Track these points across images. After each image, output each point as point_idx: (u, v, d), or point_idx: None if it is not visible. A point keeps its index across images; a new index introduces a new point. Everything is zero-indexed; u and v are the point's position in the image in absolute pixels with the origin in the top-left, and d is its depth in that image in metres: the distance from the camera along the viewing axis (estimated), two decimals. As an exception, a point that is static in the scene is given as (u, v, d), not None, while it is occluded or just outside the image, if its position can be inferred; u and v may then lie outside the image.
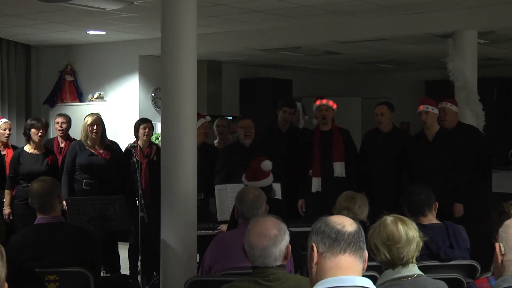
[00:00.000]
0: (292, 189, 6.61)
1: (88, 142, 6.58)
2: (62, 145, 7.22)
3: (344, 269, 2.15)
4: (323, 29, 8.14)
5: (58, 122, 7.26)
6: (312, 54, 9.77)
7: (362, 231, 2.24)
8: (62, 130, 7.23)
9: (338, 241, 2.17)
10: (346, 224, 2.21)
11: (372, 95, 11.45)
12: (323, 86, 12.53)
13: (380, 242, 2.97)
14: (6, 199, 6.52)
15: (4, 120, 7.44)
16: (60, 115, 7.46)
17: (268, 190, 4.92)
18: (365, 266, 2.23)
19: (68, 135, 7.37)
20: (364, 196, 4.53)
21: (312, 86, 12.56)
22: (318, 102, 6.61)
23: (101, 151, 6.61)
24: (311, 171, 6.53)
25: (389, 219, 3.04)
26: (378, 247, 2.97)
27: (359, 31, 8.00)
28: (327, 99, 6.60)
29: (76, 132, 7.17)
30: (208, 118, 6.84)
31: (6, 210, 6.46)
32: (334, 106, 6.62)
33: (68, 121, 7.33)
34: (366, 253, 2.23)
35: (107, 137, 6.83)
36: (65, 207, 5.50)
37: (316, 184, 6.46)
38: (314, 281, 2.17)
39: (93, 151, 6.59)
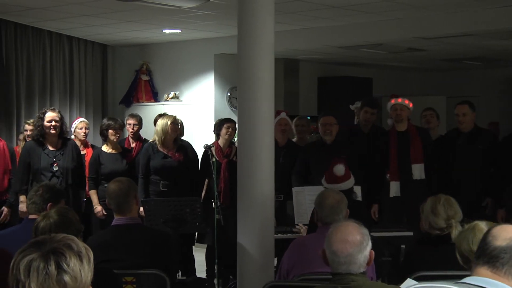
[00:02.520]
0: (373, 192, 6.53)
1: (164, 144, 6.67)
2: (133, 145, 7.37)
3: None
4: (405, 24, 8.02)
5: (130, 124, 7.42)
6: (393, 51, 9.64)
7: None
8: (134, 131, 7.41)
9: None
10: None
11: (458, 94, 11.17)
12: (405, 85, 12.35)
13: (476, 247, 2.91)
14: (94, 198, 6.73)
15: (81, 119, 7.70)
16: (132, 116, 7.62)
17: (349, 193, 4.88)
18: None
19: (139, 135, 7.53)
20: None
21: (394, 84, 12.39)
22: (392, 101, 6.51)
23: (174, 152, 6.71)
24: (388, 174, 6.43)
25: (481, 223, 2.98)
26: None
27: (443, 26, 7.83)
28: (402, 97, 6.49)
29: (150, 133, 7.30)
30: (283, 114, 6.85)
31: (98, 208, 6.67)
32: (410, 105, 6.50)
33: (139, 122, 7.50)
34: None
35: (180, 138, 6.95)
36: (142, 212, 5.62)
37: (394, 189, 6.34)
38: None
39: (166, 152, 6.69)
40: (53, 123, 6.32)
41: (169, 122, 6.67)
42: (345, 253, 2.76)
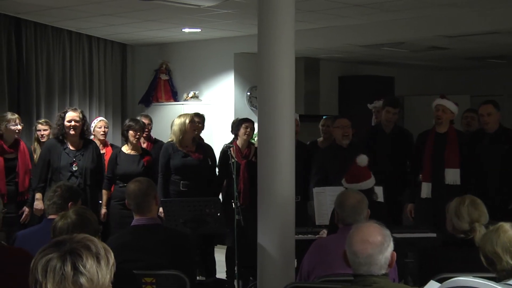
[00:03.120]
0: (395, 193, 6.50)
1: (183, 143, 6.69)
2: (144, 145, 7.40)
3: None
4: (428, 22, 7.97)
5: (145, 123, 7.44)
6: (416, 49, 9.58)
7: None
8: (148, 131, 7.44)
9: None
10: None
11: (482, 93, 11.09)
12: (428, 84, 12.27)
13: (501, 249, 2.89)
14: (103, 199, 6.72)
15: (100, 118, 7.75)
16: (145, 116, 7.67)
17: (369, 193, 4.87)
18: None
19: (150, 136, 7.57)
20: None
21: (416, 83, 12.33)
22: (437, 101, 6.45)
23: (193, 151, 6.72)
24: (421, 175, 6.40)
25: (506, 224, 2.96)
26: (499, 255, 2.90)
27: (467, 24, 7.77)
28: (448, 99, 6.41)
29: (167, 132, 7.32)
30: (296, 115, 6.84)
31: (103, 210, 6.66)
32: (455, 107, 6.42)
33: (151, 122, 7.55)
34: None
35: (199, 137, 6.97)
36: (161, 213, 5.63)
37: (425, 190, 6.30)
38: None
39: (185, 151, 6.71)
40: (73, 123, 6.36)
41: (187, 121, 6.69)
42: (365, 254, 2.76)
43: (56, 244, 1.80)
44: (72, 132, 6.36)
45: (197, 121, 7.17)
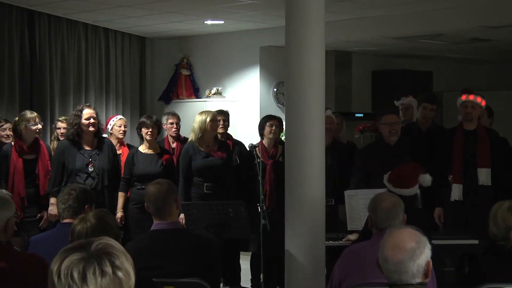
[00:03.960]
0: (430, 197, 6.46)
1: (203, 143, 6.71)
2: (174, 145, 7.42)
3: None
4: (469, 12, 7.91)
5: (172, 123, 7.46)
6: (456, 41, 9.52)
7: None
8: (177, 130, 7.46)
9: None
10: None
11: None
12: (469, 79, 12.17)
13: None
14: (119, 202, 6.74)
15: (119, 116, 7.81)
16: (173, 114, 7.67)
17: (413, 199, 4.86)
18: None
19: (179, 135, 7.58)
20: None
21: (456, 78, 12.23)
22: (463, 97, 6.41)
23: (216, 150, 6.74)
24: (451, 176, 6.35)
25: None
26: None
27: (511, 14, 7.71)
28: (475, 94, 6.38)
29: (188, 130, 7.33)
30: (329, 111, 6.83)
31: (118, 214, 6.68)
32: (483, 103, 6.39)
33: (179, 120, 7.58)
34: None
35: (226, 135, 6.99)
36: (181, 219, 5.65)
37: (456, 192, 6.26)
38: None
39: (207, 151, 6.73)
40: (92, 120, 6.41)
41: (208, 119, 6.70)
42: (395, 260, 2.75)
43: (78, 247, 1.82)
44: (91, 129, 6.41)
45: (221, 119, 7.18)
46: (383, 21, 8.57)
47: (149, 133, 6.81)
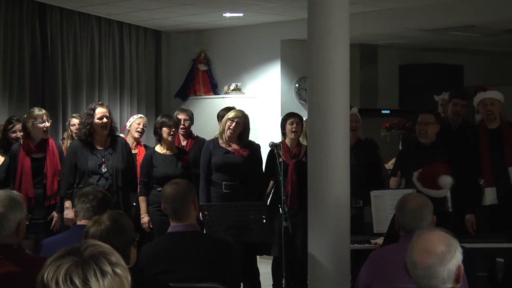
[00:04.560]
0: (463, 199, 6.42)
1: (224, 139, 6.75)
2: (184, 143, 7.43)
3: None
4: (502, 2, 7.86)
5: (180, 119, 7.47)
6: (488, 33, 9.46)
7: None
8: (185, 128, 7.45)
9: None
10: None
11: None
12: (503, 73, 12.09)
13: None
14: (142, 207, 6.76)
15: (139, 115, 7.86)
16: (182, 110, 7.66)
17: (443, 201, 4.84)
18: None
19: (191, 132, 7.59)
20: None
21: (489, 73, 12.16)
22: (479, 94, 6.37)
23: (238, 148, 6.75)
24: (482, 180, 6.31)
25: None
26: None
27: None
28: (491, 89, 6.34)
29: (208, 129, 7.36)
30: (355, 109, 6.81)
31: (145, 219, 6.70)
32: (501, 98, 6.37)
33: (191, 117, 7.56)
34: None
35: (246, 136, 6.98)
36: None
37: (490, 196, 6.22)
38: None
39: (228, 148, 6.75)
40: (105, 120, 6.44)
41: (229, 116, 6.74)
42: (424, 265, 2.75)
43: (69, 253, 1.84)
44: (103, 129, 6.44)
45: (247, 121, 7.11)
46: (411, 12, 8.54)
47: (171, 133, 6.83)
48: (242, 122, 6.82)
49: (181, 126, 7.42)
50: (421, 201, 4.01)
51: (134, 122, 7.47)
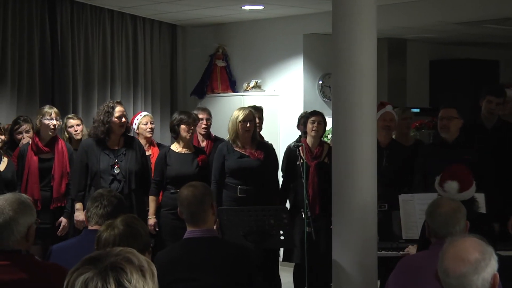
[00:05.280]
0: (502, 201, 6.39)
1: (238, 142, 6.75)
2: (203, 144, 7.44)
3: None
4: (541, -6, 7.83)
5: (202, 119, 7.46)
6: (525, 27, 9.42)
7: None
8: (207, 127, 7.46)
9: None
10: None
11: None
12: (541, 68, 12.02)
13: None
14: (151, 207, 6.75)
15: (144, 113, 7.81)
16: (203, 109, 7.66)
17: (470, 203, 4.80)
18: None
19: (210, 133, 7.60)
20: None
21: (526, 68, 12.09)
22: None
23: (253, 151, 6.76)
24: None
25: None
26: None
27: None
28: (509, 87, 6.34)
29: (223, 128, 7.34)
30: (389, 107, 6.79)
31: (151, 220, 6.70)
32: None
33: (210, 117, 7.59)
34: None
35: (259, 135, 6.98)
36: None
37: None
38: None
39: (243, 151, 6.75)
40: (123, 119, 6.48)
41: (239, 118, 6.73)
42: (457, 273, 2.74)
43: (90, 260, 1.85)
44: (122, 129, 6.47)
45: (256, 116, 7.11)
46: (442, 4, 8.51)
47: (190, 130, 6.83)
48: (255, 120, 6.86)
49: (203, 126, 7.43)
50: (454, 205, 3.99)
51: (141, 123, 7.45)
